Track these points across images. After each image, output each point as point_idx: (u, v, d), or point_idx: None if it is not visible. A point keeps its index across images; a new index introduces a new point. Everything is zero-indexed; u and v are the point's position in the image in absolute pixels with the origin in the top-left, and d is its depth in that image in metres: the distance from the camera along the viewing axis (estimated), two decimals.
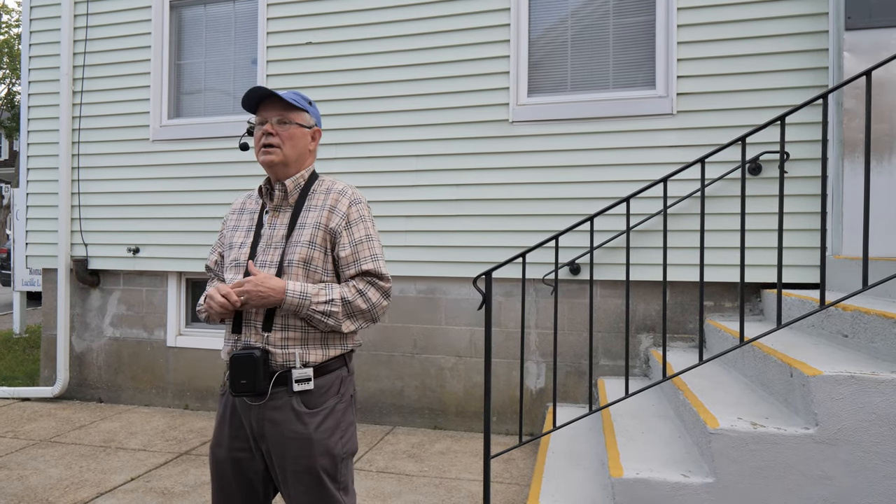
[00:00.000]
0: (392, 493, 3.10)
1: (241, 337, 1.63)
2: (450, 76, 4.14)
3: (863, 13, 3.39)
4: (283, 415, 1.59)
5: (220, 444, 1.68)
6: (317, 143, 1.79)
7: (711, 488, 2.20)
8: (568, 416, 3.64)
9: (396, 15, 4.24)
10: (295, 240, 1.65)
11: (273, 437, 1.59)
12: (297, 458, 1.58)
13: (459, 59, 4.12)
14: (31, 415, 4.47)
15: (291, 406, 1.59)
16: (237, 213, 1.81)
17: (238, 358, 1.57)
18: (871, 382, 2.12)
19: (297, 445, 1.58)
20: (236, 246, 1.72)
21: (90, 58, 4.88)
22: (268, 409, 1.59)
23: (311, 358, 1.62)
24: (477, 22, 4.10)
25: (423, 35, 4.19)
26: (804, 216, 3.57)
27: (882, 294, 2.89)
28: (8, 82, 20.64)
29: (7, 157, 28.01)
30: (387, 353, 4.31)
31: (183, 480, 3.25)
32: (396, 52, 4.23)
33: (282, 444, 1.59)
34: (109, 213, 4.82)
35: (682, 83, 3.76)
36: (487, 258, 4.02)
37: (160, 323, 4.81)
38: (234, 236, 1.75)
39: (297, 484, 1.59)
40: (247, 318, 1.62)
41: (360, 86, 4.30)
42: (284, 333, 1.61)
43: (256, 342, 1.60)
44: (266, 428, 1.60)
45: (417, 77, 4.19)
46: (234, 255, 1.71)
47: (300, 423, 1.59)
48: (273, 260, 1.65)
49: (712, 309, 3.80)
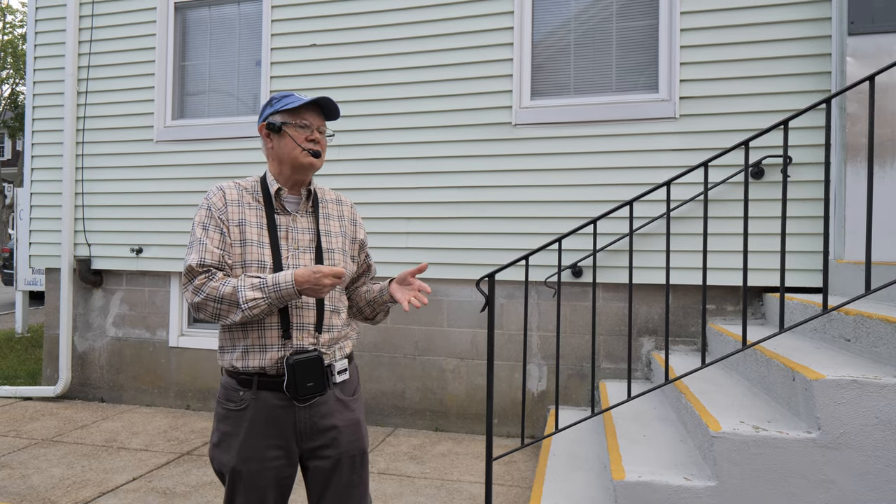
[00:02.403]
0: (393, 494, 3.10)
1: (291, 342, 1.60)
2: (452, 79, 4.15)
3: (866, 18, 3.39)
4: (330, 407, 1.66)
5: (251, 459, 1.59)
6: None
7: (713, 492, 2.20)
8: (570, 418, 3.65)
9: (400, 18, 4.25)
10: (327, 247, 1.72)
11: (325, 431, 1.65)
12: (352, 442, 1.69)
13: (462, 62, 4.13)
14: (34, 414, 4.48)
15: (336, 397, 1.68)
16: (237, 206, 1.65)
17: (303, 362, 1.58)
18: (873, 387, 2.12)
19: (352, 431, 1.69)
20: (253, 244, 1.61)
21: (95, 58, 4.90)
22: (317, 406, 1.64)
23: (346, 350, 1.74)
24: (480, 25, 4.11)
25: (427, 38, 4.20)
26: (807, 220, 3.57)
27: (885, 298, 2.89)
28: (12, 82, 20.69)
29: (11, 156, 28.08)
30: (388, 355, 4.32)
31: (185, 480, 3.25)
32: (400, 54, 4.24)
33: (336, 435, 1.66)
34: (113, 214, 4.83)
35: (685, 87, 3.77)
36: (490, 260, 4.02)
37: (162, 323, 4.82)
38: (247, 232, 1.62)
39: (350, 468, 1.69)
40: (299, 323, 1.62)
41: (364, 88, 4.31)
42: (331, 334, 1.68)
43: (310, 345, 1.63)
44: (318, 425, 1.64)
45: (420, 79, 4.20)
46: (255, 254, 1.61)
47: (348, 410, 1.70)
48: (306, 264, 1.66)
49: (714, 312, 3.80)
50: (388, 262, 4.21)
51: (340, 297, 1.74)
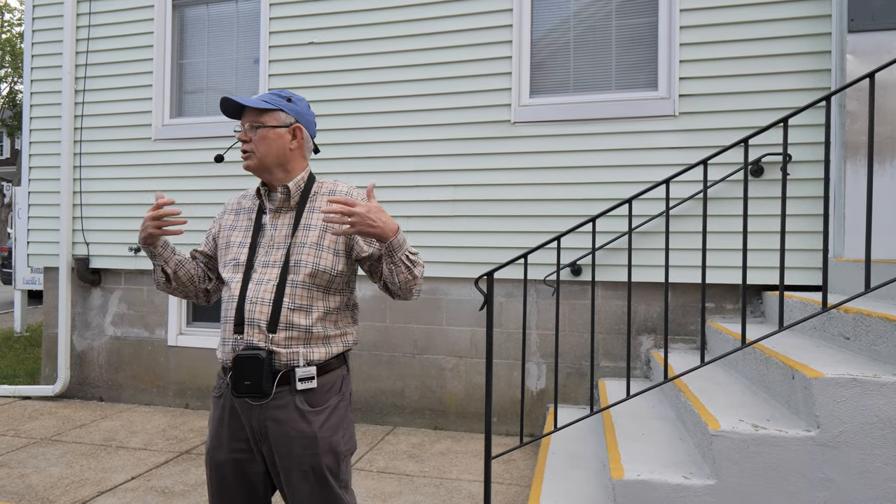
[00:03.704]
0: (392, 493, 3.09)
1: (243, 337, 1.59)
2: (451, 77, 4.14)
3: (865, 15, 3.38)
4: (286, 414, 1.58)
5: (219, 447, 1.65)
6: (302, 140, 1.71)
7: (713, 490, 2.19)
8: (569, 417, 3.64)
9: (399, 15, 4.24)
10: (300, 241, 1.63)
11: (277, 436, 1.58)
12: (303, 456, 1.58)
13: (461, 60, 4.12)
14: (32, 413, 4.47)
15: (295, 405, 1.58)
16: (233, 213, 1.77)
17: (242, 359, 1.55)
18: (873, 385, 2.12)
19: (303, 444, 1.58)
20: (235, 245, 1.70)
21: (92, 57, 4.88)
22: (271, 409, 1.58)
23: (315, 356, 1.61)
24: (479, 22, 4.10)
25: (425, 35, 4.19)
26: (806, 218, 3.57)
27: (884, 296, 2.89)
28: (10, 81, 20.66)
29: (9, 155, 28.04)
30: (388, 354, 4.31)
31: (183, 479, 3.25)
32: (398, 52, 4.23)
33: (287, 444, 1.58)
34: (111, 212, 4.82)
35: (685, 85, 3.76)
36: (489, 259, 4.02)
37: (161, 322, 4.81)
38: (233, 236, 1.72)
39: (302, 483, 1.59)
40: (250, 319, 1.59)
41: (362, 86, 4.30)
42: (288, 333, 1.58)
43: (260, 342, 1.58)
44: (269, 428, 1.58)
45: (419, 77, 4.19)
46: (233, 254, 1.69)
47: (304, 421, 1.58)
48: (276, 259, 1.63)
49: (714, 311, 3.80)
50: None
51: (311, 295, 1.62)
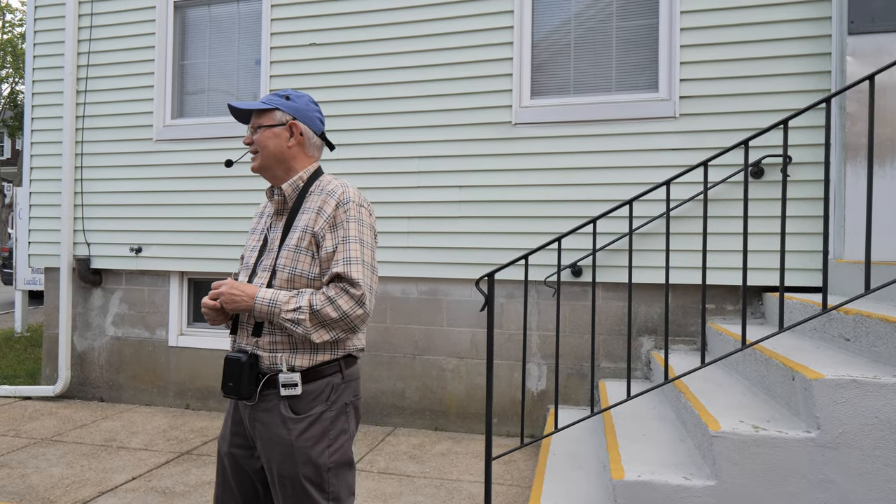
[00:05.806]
0: (393, 493, 3.10)
1: (236, 339, 1.67)
2: (453, 78, 4.15)
3: (865, 17, 3.39)
4: (271, 417, 1.58)
5: (224, 439, 1.71)
6: (301, 137, 1.68)
7: (713, 491, 2.20)
8: (569, 418, 3.65)
9: (400, 17, 4.25)
10: (286, 244, 1.62)
11: (262, 439, 1.60)
12: (281, 463, 1.57)
13: (462, 61, 4.13)
14: (33, 413, 4.47)
15: (279, 410, 1.57)
16: (258, 216, 1.82)
17: (228, 360, 1.60)
18: (872, 386, 2.12)
19: (281, 451, 1.56)
20: (249, 249, 1.76)
21: (94, 57, 4.89)
22: (259, 411, 1.60)
23: (298, 363, 1.58)
24: (480, 24, 4.10)
25: (427, 37, 4.20)
26: (806, 220, 3.57)
27: (884, 298, 2.89)
28: (11, 81, 20.68)
29: (10, 155, 28.06)
30: (388, 354, 4.31)
31: (184, 480, 3.25)
32: (400, 53, 4.24)
33: (269, 447, 1.58)
34: (112, 213, 4.83)
35: (685, 86, 3.77)
36: (489, 260, 4.02)
37: (162, 322, 4.81)
38: (251, 239, 1.78)
39: (282, 488, 1.58)
40: (241, 322, 1.66)
41: (364, 87, 4.31)
42: (273, 337, 1.58)
43: (247, 345, 1.62)
44: (257, 429, 1.61)
45: (421, 78, 4.20)
46: (247, 258, 1.75)
47: (284, 428, 1.56)
48: (269, 264, 1.64)
49: (714, 312, 3.80)
50: (388, 261, 4.21)
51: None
